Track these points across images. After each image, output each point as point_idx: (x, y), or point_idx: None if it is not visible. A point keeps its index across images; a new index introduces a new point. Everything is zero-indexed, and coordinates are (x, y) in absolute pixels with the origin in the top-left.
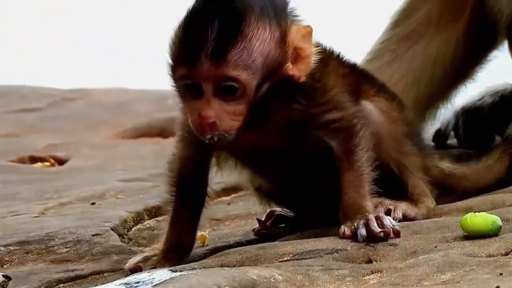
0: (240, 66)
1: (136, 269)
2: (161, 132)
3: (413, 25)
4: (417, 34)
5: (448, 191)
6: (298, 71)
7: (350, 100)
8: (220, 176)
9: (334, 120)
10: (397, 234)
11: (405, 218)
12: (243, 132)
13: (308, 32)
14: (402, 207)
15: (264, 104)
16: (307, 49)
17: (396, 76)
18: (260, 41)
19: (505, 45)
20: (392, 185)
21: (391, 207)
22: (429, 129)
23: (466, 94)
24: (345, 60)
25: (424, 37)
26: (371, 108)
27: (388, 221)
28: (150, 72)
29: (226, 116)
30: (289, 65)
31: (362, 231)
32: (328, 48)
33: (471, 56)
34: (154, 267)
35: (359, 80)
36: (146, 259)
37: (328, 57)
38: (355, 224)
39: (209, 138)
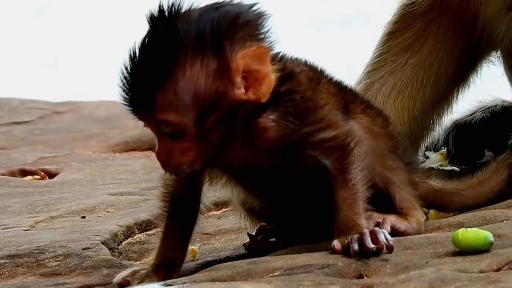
0: (168, 108)
1: (124, 284)
2: (152, 146)
3: (410, 38)
4: (416, 45)
5: (440, 209)
6: (254, 94)
7: (342, 119)
8: (212, 190)
9: (327, 139)
10: (390, 249)
11: (395, 231)
12: (234, 150)
13: (261, 53)
14: (391, 220)
15: (249, 125)
16: (262, 71)
17: (400, 84)
18: (187, 79)
19: (496, 54)
20: (380, 200)
21: (379, 220)
22: (435, 134)
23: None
24: (332, 78)
25: (423, 49)
26: (353, 124)
27: (382, 235)
28: None
29: (174, 154)
30: (239, 91)
31: (355, 246)
32: (318, 66)
33: (470, 64)
34: (142, 281)
35: (347, 98)
36: (134, 273)
37: (319, 76)
38: (349, 239)
39: (169, 173)
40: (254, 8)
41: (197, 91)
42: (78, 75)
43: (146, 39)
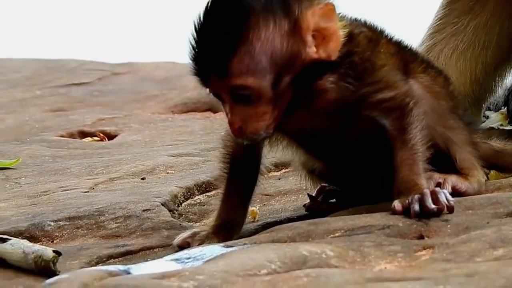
0: (245, 73)
1: (184, 245)
2: (211, 106)
3: (472, 0)
4: (477, 8)
5: (501, 170)
6: (325, 52)
7: (401, 79)
8: (272, 153)
9: (386, 99)
10: (450, 209)
11: (456, 192)
12: (294, 114)
13: (328, 10)
14: (452, 180)
15: (308, 88)
16: (330, 28)
17: (462, 45)
18: (262, 41)
19: None
20: (440, 160)
21: (440, 180)
22: (499, 95)
23: None
24: (392, 38)
25: (485, 11)
26: (413, 83)
27: (443, 196)
28: None
29: (250, 120)
30: (310, 50)
31: (416, 207)
32: (377, 27)
33: None
34: (202, 242)
35: (407, 58)
36: (194, 235)
37: (378, 36)
38: (409, 199)
39: (244, 141)
40: None
41: (274, 53)
42: (136, 36)
43: (212, 6)
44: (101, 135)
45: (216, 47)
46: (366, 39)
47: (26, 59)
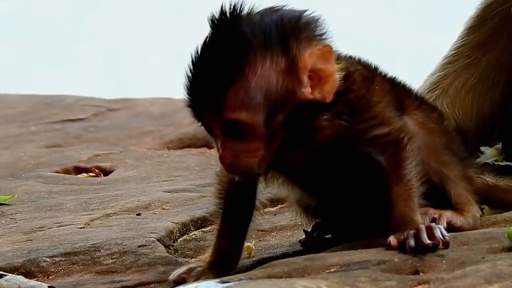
0: (239, 107)
1: (180, 281)
2: (206, 142)
3: (486, 33)
4: (491, 42)
5: (493, 205)
6: (320, 93)
7: (396, 115)
8: (268, 188)
9: (381, 135)
10: (446, 245)
11: (451, 227)
12: (289, 151)
13: (326, 52)
14: (447, 215)
15: (303, 126)
16: (327, 70)
17: (472, 80)
18: (258, 77)
19: None
20: (435, 196)
21: (435, 215)
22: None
23: None
24: (387, 75)
25: (498, 46)
26: (407, 120)
27: (439, 231)
28: None
29: (242, 155)
30: (305, 90)
31: (411, 242)
32: (371, 64)
33: None
34: (198, 278)
35: (401, 94)
36: (190, 271)
37: (373, 73)
38: (405, 235)
39: (236, 177)
40: (308, 12)
41: (268, 89)
42: (132, 72)
43: (211, 40)
44: (97, 171)
45: (211, 80)
46: (361, 77)
47: (22, 95)
